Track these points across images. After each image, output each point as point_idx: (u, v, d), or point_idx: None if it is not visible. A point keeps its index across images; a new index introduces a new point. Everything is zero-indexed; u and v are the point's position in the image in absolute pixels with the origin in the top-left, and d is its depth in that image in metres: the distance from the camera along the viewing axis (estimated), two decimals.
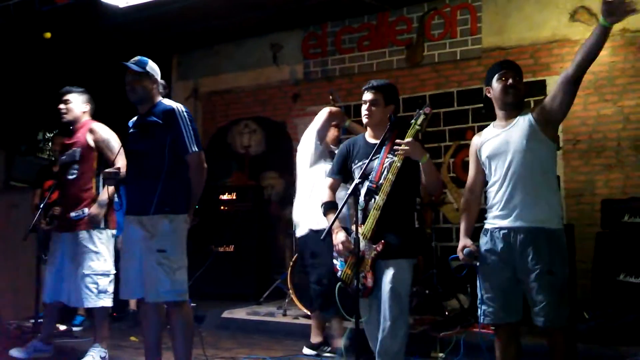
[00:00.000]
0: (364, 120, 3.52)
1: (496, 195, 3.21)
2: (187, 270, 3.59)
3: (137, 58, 3.69)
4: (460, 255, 3.30)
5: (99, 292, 4.35)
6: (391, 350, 3.27)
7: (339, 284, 3.44)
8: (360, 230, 3.32)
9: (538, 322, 3.07)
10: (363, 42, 7.50)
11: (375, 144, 3.40)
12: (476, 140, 3.40)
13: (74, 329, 5.57)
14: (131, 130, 3.71)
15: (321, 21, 7.72)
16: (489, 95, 3.31)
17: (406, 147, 3.22)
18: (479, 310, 3.27)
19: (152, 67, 3.69)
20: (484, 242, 3.26)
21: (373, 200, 3.32)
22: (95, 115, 4.66)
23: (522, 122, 3.16)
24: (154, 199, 3.46)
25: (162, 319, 3.65)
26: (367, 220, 3.32)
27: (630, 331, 4.46)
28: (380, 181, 3.31)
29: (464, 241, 3.32)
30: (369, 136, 3.54)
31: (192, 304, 3.74)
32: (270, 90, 8.23)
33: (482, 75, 6.60)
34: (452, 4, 6.96)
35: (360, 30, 7.53)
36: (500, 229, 3.17)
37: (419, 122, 3.33)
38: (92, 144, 4.43)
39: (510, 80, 3.19)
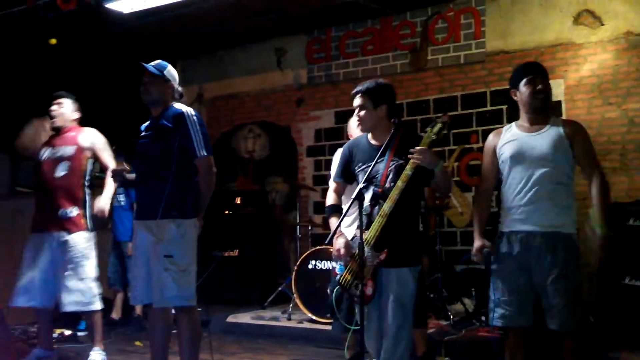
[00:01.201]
0: (359, 127, 3.45)
1: (514, 198, 3.20)
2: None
3: (157, 61, 3.72)
4: (478, 256, 3.25)
5: (92, 297, 4.33)
6: (394, 358, 3.24)
7: (336, 288, 3.39)
8: (363, 236, 3.23)
9: (553, 325, 3.07)
10: (367, 46, 7.51)
11: (378, 146, 3.32)
12: (494, 139, 3.36)
13: (79, 333, 5.56)
14: (143, 133, 3.72)
15: (325, 26, 7.74)
16: (515, 98, 3.29)
17: (420, 157, 3.12)
18: (491, 313, 3.24)
19: (170, 71, 3.72)
20: (501, 245, 3.25)
21: (378, 206, 3.22)
22: (100, 120, 4.68)
23: (553, 133, 3.17)
24: (161, 203, 3.46)
25: (169, 324, 3.65)
26: (372, 226, 3.21)
27: (635, 336, 4.45)
28: (386, 185, 3.23)
29: (480, 241, 3.28)
30: (371, 138, 3.43)
31: (197, 309, 3.74)
32: (275, 95, 8.24)
33: (487, 79, 6.73)
34: (456, 8, 6.97)
35: (364, 35, 7.54)
36: (518, 232, 3.18)
37: (435, 130, 3.22)
38: (84, 144, 4.44)
39: (539, 86, 3.18)
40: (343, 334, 4.05)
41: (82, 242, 4.33)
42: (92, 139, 4.48)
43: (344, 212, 3.28)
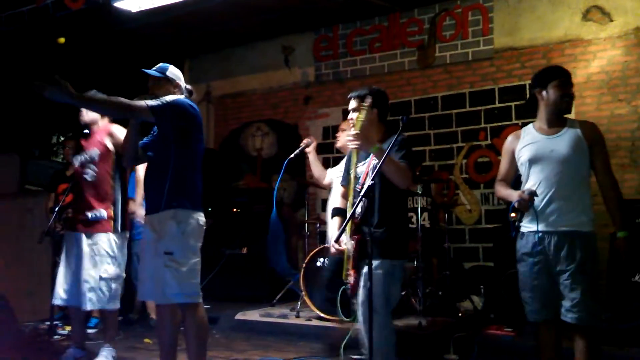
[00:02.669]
0: (352, 128, 3.53)
1: (537, 213, 3.26)
2: (200, 272, 3.59)
3: (158, 65, 3.75)
4: (522, 198, 3.21)
5: (111, 296, 4.38)
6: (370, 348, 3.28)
7: (343, 287, 3.45)
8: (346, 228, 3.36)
9: (569, 318, 3.15)
10: (374, 43, 7.50)
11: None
12: (513, 142, 3.46)
13: (89, 331, 5.58)
14: (153, 132, 3.76)
15: (332, 23, 7.74)
16: (539, 97, 3.38)
17: (352, 140, 3.24)
18: (525, 307, 3.37)
19: (173, 72, 3.74)
20: (521, 245, 3.35)
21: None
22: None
23: (571, 134, 3.28)
24: (163, 196, 3.48)
25: (177, 321, 3.66)
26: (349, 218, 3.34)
27: None
28: (365, 183, 3.33)
29: (517, 192, 3.29)
30: None
31: (205, 306, 3.74)
32: (282, 93, 8.25)
33: (495, 76, 6.72)
34: (464, 5, 6.95)
35: (372, 32, 7.54)
36: (536, 232, 3.25)
37: (362, 115, 3.35)
38: (110, 146, 4.46)
39: (569, 90, 3.34)
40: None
41: (106, 242, 4.39)
42: (115, 137, 4.47)
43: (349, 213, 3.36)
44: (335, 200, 4.30)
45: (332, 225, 4.37)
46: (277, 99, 8.29)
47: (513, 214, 3.40)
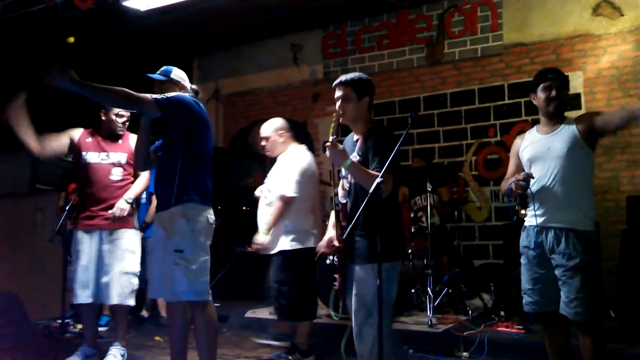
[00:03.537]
0: (340, 119, 3.39)
1: (534, 196, 3.33)
2: (210, 270, 3.60)
3: (162, 68, 3.78)
4: (518, 180, 3.24)
5: (131, 291, 4.48)
6: (364, 353, 3.23)
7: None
8: (333, 231, 3.35)
9: (567, 313, 3.18)
10: (383, 40, 7.49)
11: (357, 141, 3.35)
12: (518, 143, 3.53)
13: (100, 329, 5.61)
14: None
15: (340, 21, 7.73)
16: (534, 101, 3.41)
17: (327, 153, 3.16)
18: (524, 298, 3.43)
19: (177, 74, 3.77)
20: (523, 237, 3.42)
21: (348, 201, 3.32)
22: None
23: (566, 132, 3.29)
24: (172, 192, 3.49)
25: (187, 319, 3.68)
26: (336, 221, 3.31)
27: None
28: (352, 181, 3.29)
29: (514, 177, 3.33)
30: (354, 134, 3.47)
31: (215, 304, 3.75)
32: (291, 91, 8.26)
33: (504, 72, 6.69)
34: (472, 1, 6.92)
35: (380, 29, 7.52)
36: (535, 226, 3.32)
37: (332, 128, 3.28)
38: (133, 149, 4.52)
39: (553, 92, 3.30)
40: None
41: (127, 238, 4.50)
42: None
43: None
44: (264, 206, 4.65)
45: (260, 227, 4.68)
46: (286, 97, 8.29)
47: (523, 211, 3.44)
